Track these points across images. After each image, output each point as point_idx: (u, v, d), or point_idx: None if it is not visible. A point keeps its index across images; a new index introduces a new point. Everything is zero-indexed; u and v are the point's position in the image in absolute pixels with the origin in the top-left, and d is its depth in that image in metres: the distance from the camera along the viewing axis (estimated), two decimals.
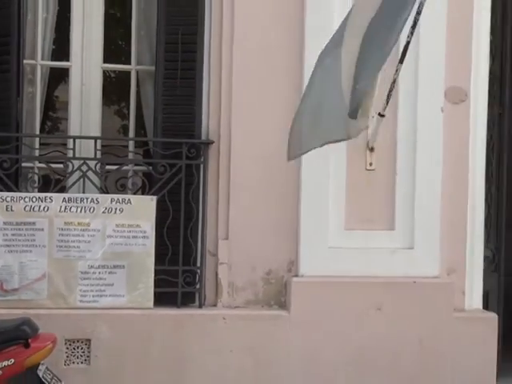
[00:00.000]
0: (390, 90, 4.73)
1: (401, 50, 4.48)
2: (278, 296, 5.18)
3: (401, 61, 4.54)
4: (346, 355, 5.10)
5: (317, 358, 5.05)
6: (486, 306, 5.56)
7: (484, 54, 5.49)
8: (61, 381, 4.09)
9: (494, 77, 5.66)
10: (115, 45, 5.59)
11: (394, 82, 4.68)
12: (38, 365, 3.94)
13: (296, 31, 5.13)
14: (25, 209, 4.70)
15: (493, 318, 5.40)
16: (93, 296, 4.84)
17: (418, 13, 4.37)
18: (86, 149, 5.02)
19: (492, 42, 5.57)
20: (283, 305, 5.15)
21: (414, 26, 4.43)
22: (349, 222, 5.27)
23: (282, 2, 5.19)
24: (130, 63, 5.45)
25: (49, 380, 3.99)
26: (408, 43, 4.46)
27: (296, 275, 5.16)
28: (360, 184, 5.23)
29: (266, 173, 5.15)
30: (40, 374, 3.95)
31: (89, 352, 4.77)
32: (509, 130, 5.93)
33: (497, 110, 5.78)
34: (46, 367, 4.02)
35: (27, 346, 3.89)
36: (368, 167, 5.17)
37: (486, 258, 5.57)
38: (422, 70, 5.26)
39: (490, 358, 5.31)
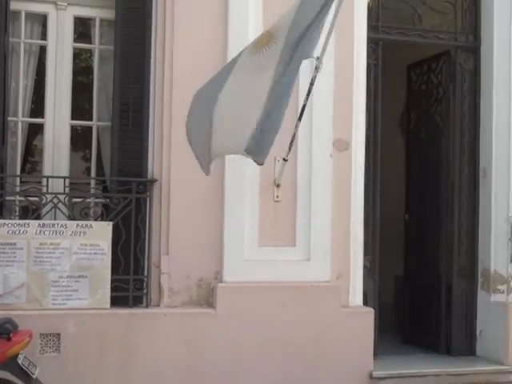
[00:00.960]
0: (292, 141, 4.92)
1: (299, 109, 4.74)
2: (207, 298, 5.20)
3: (299, 119, 4.80)
4: (259, 342, 5.14)
5: (237, 344, 5.09)
6: (365, 302, 5.67)
7: (361, 113, 5.64)
8: (36, 367, 4.11)
9: (368, 132, 5.79)
10: (80, 105, 5.47)
11: (294, 135, 4.90)
12: (17, 354, 4.00)
13: None
14: (8, 232, 4.74)
15: (370, 311, 5.53)
16: (62, 299, 4.84)
17: (312, 83, 4.61)
18: (57, 186, 5.01)
19: (367, 102, 5.71)
20: (211, 304, 5.17)
21: (308, 94, 4.67)
22: (261, 240, 5.31)
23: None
24: (91, 120, 5.43)
25: (26, 366, 4.03)
26: (304, 105, 4.71)
27: (221, 281, 5.19)
28: (269, 212, 5.30)
29: (196, 203, 5.16)
30: (19, 361, 3.99)
31: (59, 343, 4.75)
32: (377, 171, 5.97)
33: (371, 157, 5.90)
34: (24, 356, 4.06)
35: (9, 339, 3.96)
36: (275, 199, 5.30)
37: (364, 267, 5.68)
38: (315, 125, 5.36)
39: (368, 342, 5.43)
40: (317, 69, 4.43)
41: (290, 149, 5.03)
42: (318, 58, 4.38)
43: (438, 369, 5.75)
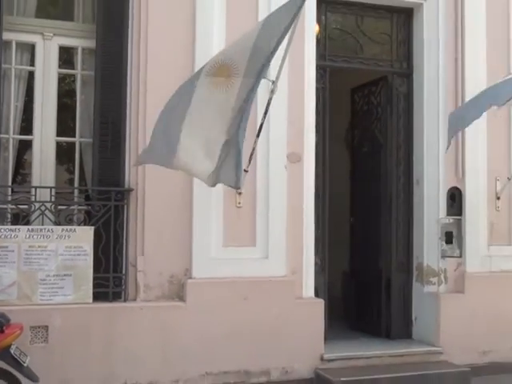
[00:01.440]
0: (251, 155, 4.83)
1: (258, 127, 4.73)
2: (178, 292, 5.21)
3: (257, 135, 4.76)
4: (225, 330, 5.19)
5: (205, 333, 5.12)
6: (317, 294, 5.72)
7: (311, 130, 5.70)
8: (27, 356, 4.12)
9: (318, 146, 5.85)
10: (64, 124, 5.45)
11: (254, 149, 4.85)
12: (10, 345, 4.01)
13: None
14: (0, 237, 4.75)
15: (321, 302, 5.61)
16: (49, 296, 4.85)
17: (268, 104, 4.60)
18: (44, 195, 5.01)
19: (316, 121, 5.77)
20: (181, 298, 5.19)
21: (265, 113, 4.65)
22: (225, 241, 5.35)
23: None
24: (75, 136, 5.43)
25: (18, 355, 4.05)
26: (262, 124, 4.71)
27: (190, 278, 5.20)
28: (232, 216, 5.35)
29: (168, 209, 5.18)
30: (12, 351, 4.02)
31: (47, 335, 4.77)
32: (326, 180, 6.02)
33: (321, 168, 5.97)
34: (16, 346, 4.09)
35: (2, 332, 3.98)
36: (237, 205, 5.36)
37: (316, 264, 5.72)
38: (272, 141, 5.45)
39: (319, 329, 5.52)
40: (272, 91, 4.45)
41: (250, 161, 4.94)
42: (273, 82, 4.40)
43: (379, 351, 5.85)
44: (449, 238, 6.14)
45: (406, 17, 6.47)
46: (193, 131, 4.19)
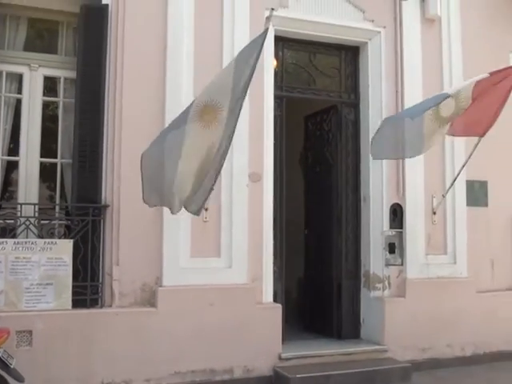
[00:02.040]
0: (216, 175, 4.84)
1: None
2: (150, 299, 5.28)
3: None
4: (193, 333, 5.28)
5: (175, 336, 5.20)
6: (275, 300, 5.83)
7: (270, 152, 5.88)
8: (13, 358, 4.17)
9: (276, 167, 6.00)
10: (48, 146, 5.54)
11: (219, 171, 4.85)
12: None
13: None
14: None
15: (279, 307, 5.72)
16: (33, 303, 4.90)
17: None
18: (29, 211, 5.07)
19: (274, 144, 5.94)
20: (153, 304, 5.26)
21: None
22: (193, 252, 5.44)
23: (156, 125, 5.20)
24: (57, 157, 5.50)
25: (5, 358, 4.10)
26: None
27: (161, 286, 5.28)
28: (199, 229, 5.45)
29: (141, 223, 5.26)
30: (0, 354, 4.08)
31: (31, 339, 4.81)
32: (283, 197, 6.12)
33: (278, 186, 6.08)
34: (4, 350, 4.14)
35: None
36: (204, 219, 5.45)
37: (274, 272, 5.84)
38: (235, 162, 5.57)
39: (278, 330, 5.63)
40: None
41: (215, 180, 5.01)
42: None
43: (331, 350, 6.00)
44: (392, 248, 6.37)
45: (353, 54, 6.75)
46: (185, 174, 4.28)
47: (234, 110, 4.14)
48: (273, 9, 4.78)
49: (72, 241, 5.07)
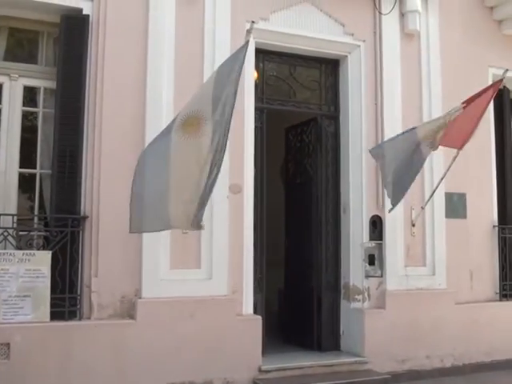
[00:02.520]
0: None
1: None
2: (129, 311, 5.30)
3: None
4: (172, 345, 5.31)
5: (154, 348, 5.24)
6: (255, 311, 5.89)
7: (250, 164, 5.97)
8: None
9: (256, 179, 6.08)
10: (27, 156, 5.54)
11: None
12: None
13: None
14: None
15: (259, 318, 5.78)
16: (11, 315, 4.90)
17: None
18: (7, 221, 5.08)
19: (255, 156, 6.00)
20: (132, 316, 5.27)
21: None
22: (172, 263, 5.47)
23: (135, 136, 5.33)
24: (36, 168, 5.51)
25: None
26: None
27: (140, 297, 5.30)
28: (179, 241, 5.46)
29: (120, 234, 5.12)
30: None
31: (9, 351, 4.81)
32: (264, 208, 6.20)
33: (259, 198, 6.08)
34: None
35: None
36: (184, 231, 5.36)
37: (254, 283, 5.90)
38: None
39: (258, 342, 5.68)
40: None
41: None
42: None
43: (311, 362, 6.07)
44: (371, 260, 6.48)
45: (333, 66, 6.89)
46: (178, 190, 4.29)
47: (221, 123, 4.22)
48: (253, 22, 4.89)
49: (50, 252, 5.07)
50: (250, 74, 5.99)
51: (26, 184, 5.63)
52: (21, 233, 5.13)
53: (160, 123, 5.08)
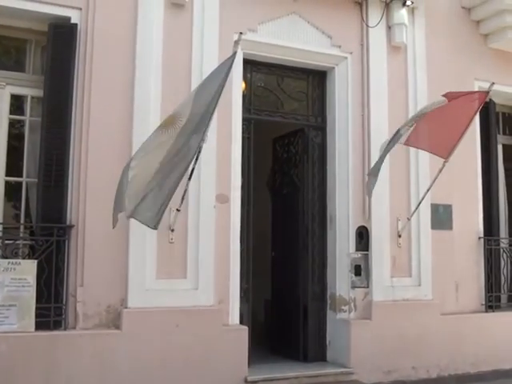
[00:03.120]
0: (183, 195, 5.25)
1: (189, 171, 4.98)
2: (114, 321, 5.34)
3: (189, 178, 5.12)
4: (158, 355, 5.35)
5: (139, 358, 5.27)
6: (242, 322, 5.92)
7: (238, 174, 6.04)
8: None
9: (243, 189, 6.15)
10: (13, 164, 5.56)
11: (186, 190, 5.18)
12: None
13: None
14: None
15: (245, 329, 5.82)
16: None
17: (199, 151, 4.84)
18: None
19: (242, 166, 6.11)
20: (118, 326, 5.31)
21: (196, 159, 4.95)
22: (158, 273, 5.51)
23: (122, 145, 5.42)
24: (22, 176, 5.54)
25: None
26: (193, 168, 5.06)
27: (126, 307, 5.33)
28: (165, 251, 5.53)
29: (106, 244, 5.32)
30: None
31: None
32: (250, 219, 6.28)
33: (246, 208, 6.22)
34: None
35: None
36: (170, 241, 5.56)
37: (241, 294, 5.95)
38: (202, 183, 5.71)
39: (244, 353, 5.71)
40: (203, 140, 4.72)
41: (182, 201, 5.30)
42: (204, 132, 4.65)
43: (298, 372, 6.13)
44: (357, 270, 6.56)
45: (320, 78, 6.99)
46: (140, 177, 4.50)
47: (196, 121, 4.39)
48: (241, 33, 5.00)
49: (36, 261, 5.08)
50: (237, 85, 6.08)
51: (12, 192, 5.65)
52: (6, 241, 5.14)
53: (147, 132, 5.10)
